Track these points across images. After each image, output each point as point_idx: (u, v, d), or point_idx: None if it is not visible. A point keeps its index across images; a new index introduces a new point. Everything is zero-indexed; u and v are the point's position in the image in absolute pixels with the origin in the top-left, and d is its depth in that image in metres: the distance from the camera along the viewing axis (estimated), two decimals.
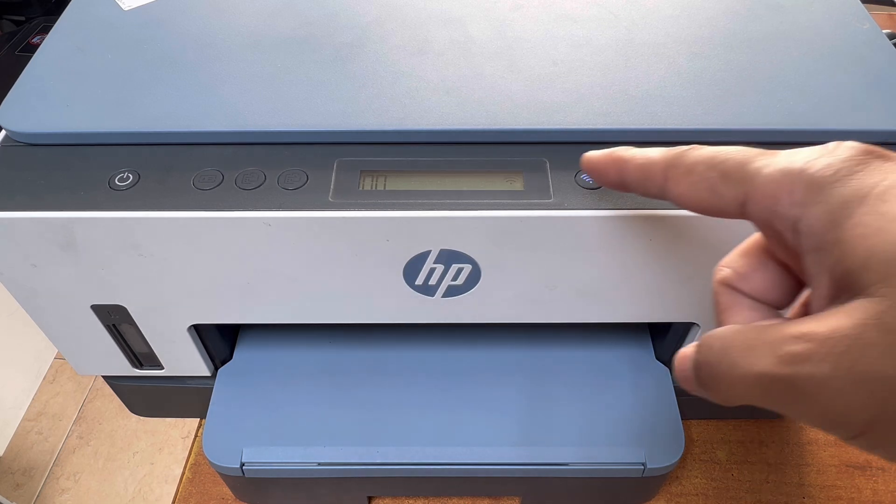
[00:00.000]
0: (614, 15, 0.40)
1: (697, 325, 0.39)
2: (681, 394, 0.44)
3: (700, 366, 0.21)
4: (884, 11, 0.89)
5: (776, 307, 0.23)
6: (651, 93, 0.35)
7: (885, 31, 0.40)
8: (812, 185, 0.19)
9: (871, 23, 0.39)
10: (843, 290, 0.18)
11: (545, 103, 0.34)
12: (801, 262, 0.20)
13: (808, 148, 0.20)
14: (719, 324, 0.24)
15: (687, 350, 0.22)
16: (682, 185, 0.23)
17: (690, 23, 0.39)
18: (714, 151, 0.22)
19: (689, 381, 0.22)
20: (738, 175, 0.21)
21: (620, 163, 0.26)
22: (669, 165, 0.24)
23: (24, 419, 0.54)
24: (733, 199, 0.21)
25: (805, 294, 0.23)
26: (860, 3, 0.41)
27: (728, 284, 0.24)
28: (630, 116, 0.34)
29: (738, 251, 0.24)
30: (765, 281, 0.23)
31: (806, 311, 0.22)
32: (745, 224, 0.23)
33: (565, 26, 0.39)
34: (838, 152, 0.19)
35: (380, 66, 0.37)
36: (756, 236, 0.24)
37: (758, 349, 0.19)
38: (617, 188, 0.27)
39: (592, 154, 0.28)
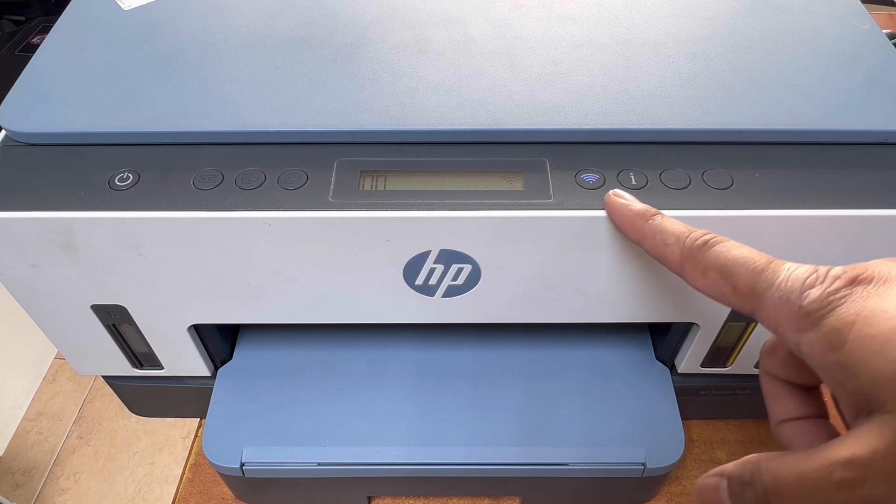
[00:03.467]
0: (614, 15, 0.40)
1: (697, 325, 0.39)
2: (681, 394, 0.44)
3: (757, 497, 0.22)
4: (884, 11, 0.89)
5: (814, 385, 0.26)
6: (651, 93, 0.35)
7: (885, 31, 0.40)
8: (806, 316, 0.21)
9: (871, 23, 0.39)
10: (862, 404, 0.20)
11: (545, 103, 0.34)
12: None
13: (804, 270, 0.22)
14: (768, 408, 0.27)
15: (711, 481, 0.23)
16: (697, 281, 0.26)
17: (690, 23, 0.39)
18: (725, 260, 0.25)
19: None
20: (746, 292, 0.24)
21: (639, 233, 0.29)
22: (684, 258, 0.26)
23: (23, 419, 0.54)
24: (743, 309, 0.24)
25: None
26: (860, 3, 0.41)
27: (769, 374, 0.26)
28: (630, 116, 0.34)
29: (768, 347, 0.26)
30: (798, 370, 0.25)
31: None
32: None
33: (565, 26, 0.39)
34: (827, 283, 0.21)
35: (380, 66, 0.37)
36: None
37: (811, 482, 0.20)
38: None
39: (616, 202, 0.30)
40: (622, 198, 0.31)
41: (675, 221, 0.28)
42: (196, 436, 0.52)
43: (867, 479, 0.19)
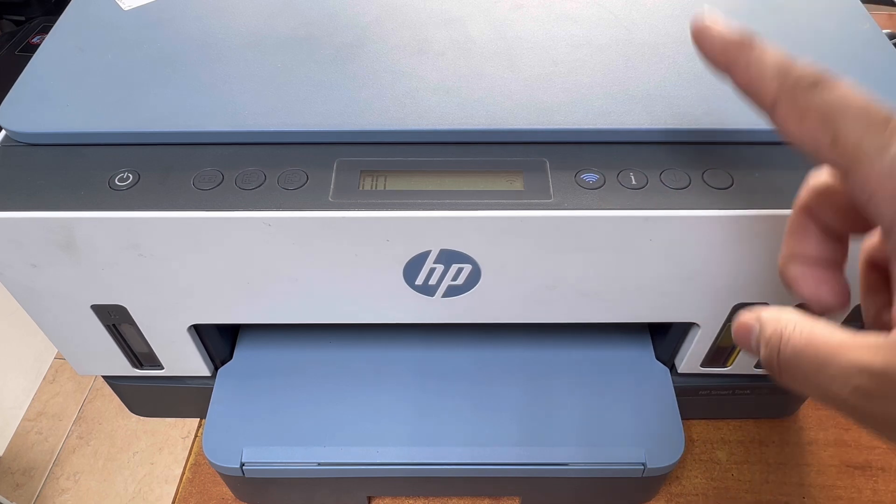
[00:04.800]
0: (614, 15, 0.40)
1: (697, 325, 0.39)
2: (681, 394, 0.44)
3: (770, 355, 0.21)
4: (884, 11, 0.89)
5: (848, 232, 0.23)
6: (651, 92, 0.35)
7: (885, 31, 0.40)
8: None
9: (871, 23, 0.39)
10: None
11: (545, 103, 0.34)
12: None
13: None
14: (785, 240, 0.24)
15: (750, 320, 0.22)
16: (790, 124, 0.22)
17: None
18: (836, 105, 0.21)
19: (749, 349, 0.22)
20: (847, 149, 0.20)
21: (729, 59, 0.25)
22: (781, 96, 0.23)
23: (24, 419, 0.54)
24: (834, 165, 0.21)
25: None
26: (860, 3, 0.41)
27: (806, 210, 0.24)
28: (630, 116, 0.34)
29: (820, 186, 0.24)
30: (843, 220, 0.23)
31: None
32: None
33: (565, 26, 0.39)
34: None
35: (380, 66, 0.37)
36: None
37: (828, 376, 0.19)
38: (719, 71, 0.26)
39: (709, 27, 0.26)
40: (716, 22, 0.26)
41: (778, 51, 0.24)
42: (196, 436, 0.52)
43: (886, 395, 0.18)
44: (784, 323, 0.21)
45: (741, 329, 0.23)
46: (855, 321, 0.38)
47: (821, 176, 0.24)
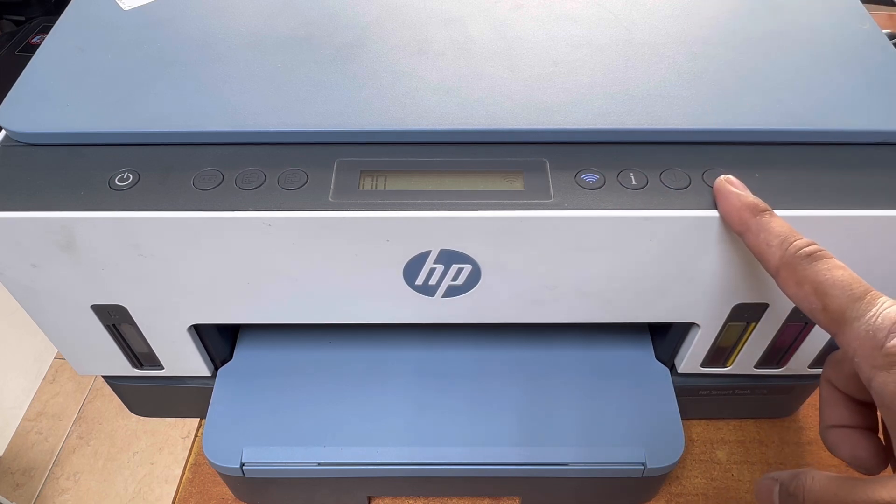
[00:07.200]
0: (614, 15, 0.40)
1: (697, 325, 0.39)
2: (681, 394, 0.44)
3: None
4: (884, 11, 0.89)
5: (871, 402, 0.26)
6: (651, 93, 0.35)
7: (885, 31, 0.40)
8: (886, 357, 0.22)
9: (871, 23, 0.39)
10: None
11: (545, 103, 0.34)
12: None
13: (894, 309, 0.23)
14: (821, 412, 0.28)
15: (767, 483, 0.25)
16: (789, 289, 0.26)
17: (690, 23, 0.39)
18: (824, 278, 0.25)
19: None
20: (835, 315, 0.24)
21: (743, 226, 0.29)
22: (783, 264, 0.27)
23: (23, 419, 0.54)
24: (827, 328, 0.25)
25: None
26: (860, 3, 0.41)
27: (829, 382, 0.28)
28: (630, 116, 0.34)
29: (835, 359, 0.28)
30: (858, 388, 0.26)
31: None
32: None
33: (565, 26, 0.39)
34: None
35: (380, 66, 0.37)
36: None
37: None
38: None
39: (726, 189, 0.30)
40: (734, 185, 0.30)
41: (782, 222, 0.28)
42: (196, 436, 0.52)
43: None
44: (800, 479, 0.24)
45: (762, 492, 0.25)
46: None
47: (835, 353, 0.28)
